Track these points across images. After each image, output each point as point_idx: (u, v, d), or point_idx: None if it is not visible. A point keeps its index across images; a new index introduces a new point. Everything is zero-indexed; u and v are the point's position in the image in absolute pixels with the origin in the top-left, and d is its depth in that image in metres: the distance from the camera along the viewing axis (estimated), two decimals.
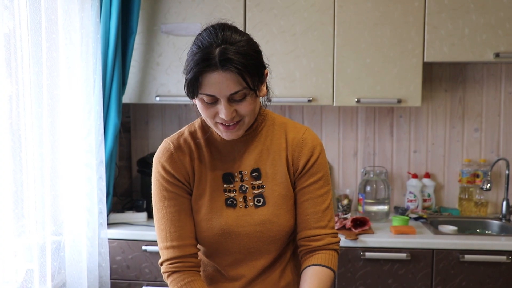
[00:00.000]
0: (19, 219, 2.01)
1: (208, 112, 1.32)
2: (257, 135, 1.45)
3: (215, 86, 1.27)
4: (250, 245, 1.42)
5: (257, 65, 1.31)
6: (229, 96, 1.28)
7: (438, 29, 2.63)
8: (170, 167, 1.42)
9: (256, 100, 1.35)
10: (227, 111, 1.29)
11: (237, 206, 1.42)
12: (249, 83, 1.28)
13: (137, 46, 2.75)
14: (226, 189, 1.42)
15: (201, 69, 1.27)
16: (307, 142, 1.44)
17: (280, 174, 1.43)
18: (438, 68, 3.01)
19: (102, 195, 2.45)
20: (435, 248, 2.45)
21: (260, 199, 1.42)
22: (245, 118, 1.35)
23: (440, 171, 3.06)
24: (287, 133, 1.46)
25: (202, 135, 1.46)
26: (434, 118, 3.04)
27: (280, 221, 1.41)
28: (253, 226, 1.40)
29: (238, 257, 1.44)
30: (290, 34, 2.70)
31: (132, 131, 3.20)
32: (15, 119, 2.01)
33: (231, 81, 1.26)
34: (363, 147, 3.08)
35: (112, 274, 2.56)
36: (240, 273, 1.45)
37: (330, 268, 1.44)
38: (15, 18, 1.99)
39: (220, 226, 1.40)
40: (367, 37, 2.67)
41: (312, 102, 2.71)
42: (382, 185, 2.89)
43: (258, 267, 1.45)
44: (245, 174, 1.43)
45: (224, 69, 1.25)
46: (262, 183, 1.42)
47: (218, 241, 1.42)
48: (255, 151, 1.44)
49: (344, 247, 2.48)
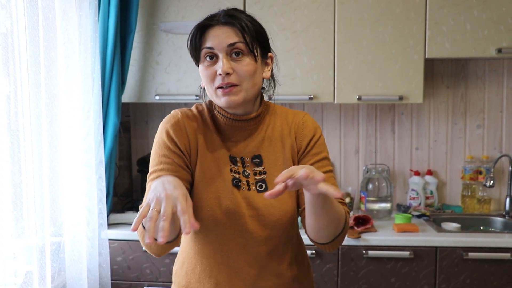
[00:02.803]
0: (18, 220, 1.99)
1: (208, 73, 1.36)
2: (260, 124, 1.47)
3: (215, 38, 1.35)
4: (251, 230, 1.40)
5: (258, 32, 1.39)
6: (227, 48, 1.34)
7: (440, 25, 2.61)
8: (174, 133, 1.41)
9: (255, 66, 1.37)
10: (224, 64, 1.33)
11: (240, 188, 1.41)
12: (247, 40, 1.34)
13: (136, 45, 2.73)
14: (232, 169, 1.43)
15: (204, 24, 1.37)
16: (308, 124, 1.49)
17: (281, 160, 1.44)
18: (439, 64, 2.99)
19: (102, 195, 2.43)
20: (438, 246, 2.43)
21: (263, 185, 1.42)
22: (243, 84, 1.36)
23: (442, 168, 3.04)
24: (288, 119, 1.50)
25: (208, 114, 1.48)
26: (436, 115, 3.02)
27: (282, 206, 1.41)
28: (255, 210, 1.40)
29: (240, 242, 1.41)
30: (291, 32, 2.68)
31: (132, 130, 3.18)
32: (13, 120, 1.99)
33: (230, 33, 1.34)
34: (365, 144, 3.06)
35: (112, 275, 2.54)
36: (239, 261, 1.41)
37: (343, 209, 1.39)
38: (12, 17, 1.97)
39: (227, 205, 1.39)
40: (368, 34, 2.65)
41: (313, 100, 2.69)
42: (384, 182, 2.87)
43: (262, 255, 1.42)
44: (247, 161, 1.44)
45: (225, 23, 1.35)
46: (264, 169, 1.43)
47: (223, 222, 1.39)
48: (257, 139, 1.46)
49: (346, 246, 2.46)
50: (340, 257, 2.47)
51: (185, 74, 2.73)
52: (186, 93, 2.74)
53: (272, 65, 1.47)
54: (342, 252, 2.46)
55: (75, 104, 2.27)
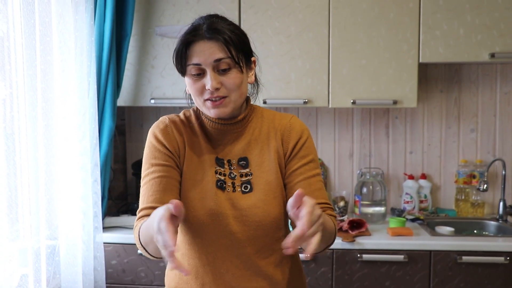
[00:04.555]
0: (14, 223, 1.99)
1: (196, 87, 1.38)
2: (246, 127, 1.49)
3: (201, 54, 1.35)
4: (236, 230, 1.41)
5: (242, 41, 1.40)
6: (214, 64, 1.35)
7: (433, 30, 2.63)
8: (162, 136, 1.46)
9: (242, 77, 1.40)
10: (212, 80, 1.35)
11: (225, 190, 1.43)
12: (233, 53, 1.36)
13: (131, 49, 2.74)
14: (217, 171, 1.45)
15: (188, 39, 1.37)
16: (295, 126, 1.49)
17: (267, 162, 1.46)
18: (433, 68, 3.01)
19: (97, 198, 2.43)
20: (432, 249, 2.44)
21: (248, 186, 1.44)
22: (231, 95, 1.39)
23: (436, 172, 3.06)
24: (275, 122, 1.51)
25: (195, 120, 1.51)
26: (430, 119, 3.04)
27: (266, 206, 1.42)
28: (239, 211, 1.41)
29: (224, 243, 1.42)
30: (285, 36, 2.70)
31: (127, 134, 3.18)
32: (9, 123, 1.99)
33: (215, 49, 1.35)
34: (359, 148, 3.08)
35: (107, 278, 2.53)
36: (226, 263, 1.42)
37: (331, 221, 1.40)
38: (9, 21, 1.97)
39: (210, 206, 1.41)
40: (362, 38, 2.67)
41: (308, 104, 2.70)
42: (378, 186, 2.88)
43: (246, 255, 1.43)
44: (234, 163, 1.46)
45: (209, 38, 1.35)
46: (249, 171, 1.45)
47: (206, 223, 1.41)
48: (243, 142, 1.48)
49: (340, 249, 2.47)
50: (334, 260, 2.47)
51: (180, 78, 2.69)
52: (181, 97, 2.68)
53: (255, 68, 1.50)
54: (337, 255, 2.47)
55: (71, 107, 2.27)
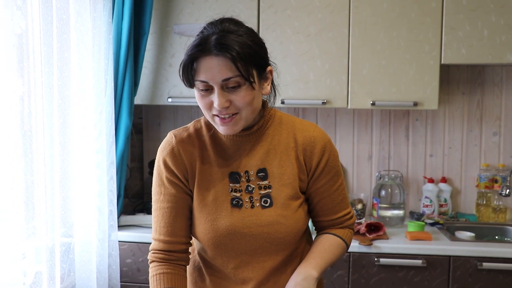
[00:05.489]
0: (29, 220, 1.99)
1: (204, 102, 1.32)
2: (264, 135, 1.43)
3: (208, 71, 1.28)
4: (256, 246, 1.39)
5: (254, 55, 1.30)
6: (222, 83, 1.28)
7: (456, 31, 2.57)
8: (171, 161, 1.42)
9: (253, 94, 1.31)
10: (220, 99, 1.28)
11: (243, 207, 1.39)
12: (241, 70, 1.27)
13: (149, 47, 2.73)
14: (232, 189, 1.40)
15: (195, 53, 1.29)
16: (318, 140, 1.43)
17: (288, 174, 1.41)
18: (455, 70, 2.95)
19: (113, 196, 2.43)
20: (452, 255, 2.39)
21: (267, 200, 1.39)
22: (242, 112, 1.32)
23: (457, 175, 3.00)
24: (295, 132, 1.44)
25: (207, 131, 1.44)
26: (451, 122, 2.98)
27: (288, 222, 1.39)
28: (260, 227, 1.38)
29: (245, 259, 1.41)
30: (305, 35, 2.66)
31: (144, 132, 3.18)
32: (26, 120, 1.99)
33: (223, 67, 1.27)
34: (378, 150, 3.03)
35: (122, 277, 2.53)
36: (248, 275, 1.42)
37: (341, 239, 1.49)
38: (28, 18, 1.98)
39: (225, 226, 1.38)
40: (382, 38, 2.62)
41: (326, 105, 2.67)
42: (397, 189, 2.83)
43: (266, 269, 1.41)
44: (251, 174, 1.41)
45: (217, 54, 1.26)
46: (269, 183, 1.40)
47: (223, 242, 1.39)
48: (261, 151, 1.42)
49: (357, 253, 2.43)
50: (351, 264, 2.44)
51: None
52: None
53: (272, 77, 1.41)
54: (353, 259, 2.43)
55: (88, 105, 2.27)
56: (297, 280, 1.37)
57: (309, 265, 1.40)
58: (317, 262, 1.41)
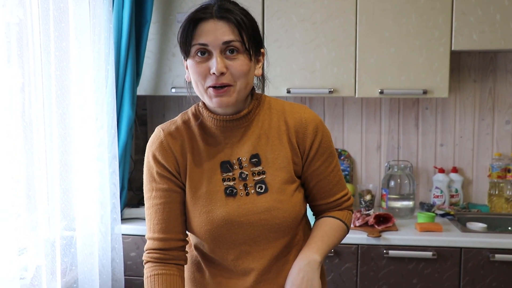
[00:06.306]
0: (31, 214, 1.96)
1: (199, 70, 1.29)
2: (254, 120, 1.40)
3: (209, 34, 1.26)
4: (255, 235, 1.35)
5: (254, 28, 1.32)
6: (222, 46, 1.27)
7: (467, 16, 2.49)
8: (160, 156, 1.38)
9: (249, 65, 1.31)
10: (218, 63, 1.26)
11: (237, 195, 1.36)
12: (244, 38, 1.27)
13: (152, 36, 2.68)
14: (224, 178, 1.37)
15: (196, 16, 1.28)
16: (309, 121, 1.40)
17: (281, 158, 1.38)
18: (466, 57, 2.87)
19: (116, 189, 2.38)
20: (463, 246, 2.34)
21: (262, 186, 1.36)
22: (237, 83, 1.30)
23: (468, 165, 2.93)
24: (286, 115, 1.41)
25: (195, 121, 1.41)
26: (462, 110, 2.91)
27: (285, 207, 1.36)
28: (256, 215, 1.34)
29: (244, 249, 1.37)
30: (311, 23, 2.60)
31: (148, 124, 3.13)
32: (27, 112, 1.96)
33: (225, 30, 1.26)
34: (387, 140, 2.97)
35: (126, 270, 2.49)
36: (249, 266, 1.38)
37: (341, 221, 1.46)
38: (26, 6, 1.93)
39: (221, 217, 1.34)
40: (391, 25, 2.55)
41: (333, 94, 2.61)
42: (406, 180, 2.77)
43: (267, 258, 1.38)
44: (244, 161, 1.37)
45: (220, 17, 1.27)
46: (262, 169, 1.37)
47: (220, 234, 1.35)
48: (253, 136, 1.39)
49: (366, 245, 2.38)
50: (359, 256, 2.39)
51: None
52: None
53: (263, 61, 1.40)
54: (362, 251, 2.38)
55: (88, 96, 2.22)
56: (300, 265, 1.34)
57: (311, 250, 1.37)
58: (319, 246, 1.38)
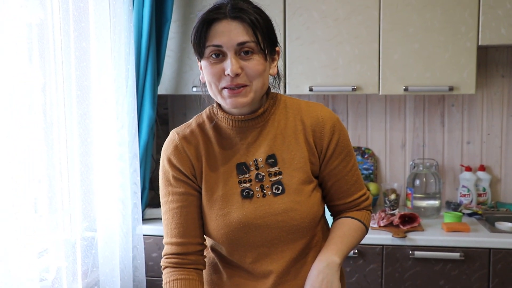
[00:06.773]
0: (52, 215, 1.96)
1: (214, 71, 1.27)
2: (269, 120, 1.37)
3: (224, 35, 1.24)
4: (272, 237, 1.33)
5: (269, 27, 1.30)
6: (236, 47, 1.24)
7: (495, 9, 2.42)
8: (176, 159, 1.37)
9: (264, 65, 1.29)
10: (233, 64, 1.24)
11: (254, 197, 1.33)
12: (259, 38, 1.26)
13: (172, 35, 2.67)
14: (241, 180, 1.34)
15: (210, 17, 1.25)
16: (326, 120, 1.37)
17: (298, 158, 1.35)
18: (494, 52, 2.79)
19: (137, 189, 2.38)
20: (492, 247, 2.27)
21: (279, 187, 1.33)
22: (252, 84, 1.28)
23: (496, 163, 2.85)
24: (302, 114, 1.38)
25: (209, 124, 1.39)
26: (489, 106, 2.83)
27: (303, 208, 1.33)
28: (274, 216, 1.32)
29: (262, 251, 1.34)
30: (333, 19, 2.55)
31: (170, 123, 3.12)
32: (48, 112, 1.97)
33: (240, 30, 1.24)
34: (412, 138, 2.91)
35: (147, 271, 2.49)
36: (267, 268, 1.35)
37: (360, 221, 1.43)
38: (46, 8, 1.93)
39: (238, 220, 1.32)
40: (415, 20, 2.49)
41: (357, 91, 2.56)
42: (432, 178, 2.71)
43: (286, 260, 1.35)
44: (260, 162, 1.35)
45: (234, 18, 1.24)
46: (279, 170, 1.34)
47: (238, 237, 1.33)
48: (268, 137, 1.36)
49: (391, 246, 2.33)
50: (384, 257, 2.34)
51: None
52: None
53: (278, 59, 1.38)
54: (387, 252, 2.33)
55: (108, 96, 2.21)
56: (319, 267, 1.32)
57: (330, 251, 1.34)
58: (338, 248, 1.35)
